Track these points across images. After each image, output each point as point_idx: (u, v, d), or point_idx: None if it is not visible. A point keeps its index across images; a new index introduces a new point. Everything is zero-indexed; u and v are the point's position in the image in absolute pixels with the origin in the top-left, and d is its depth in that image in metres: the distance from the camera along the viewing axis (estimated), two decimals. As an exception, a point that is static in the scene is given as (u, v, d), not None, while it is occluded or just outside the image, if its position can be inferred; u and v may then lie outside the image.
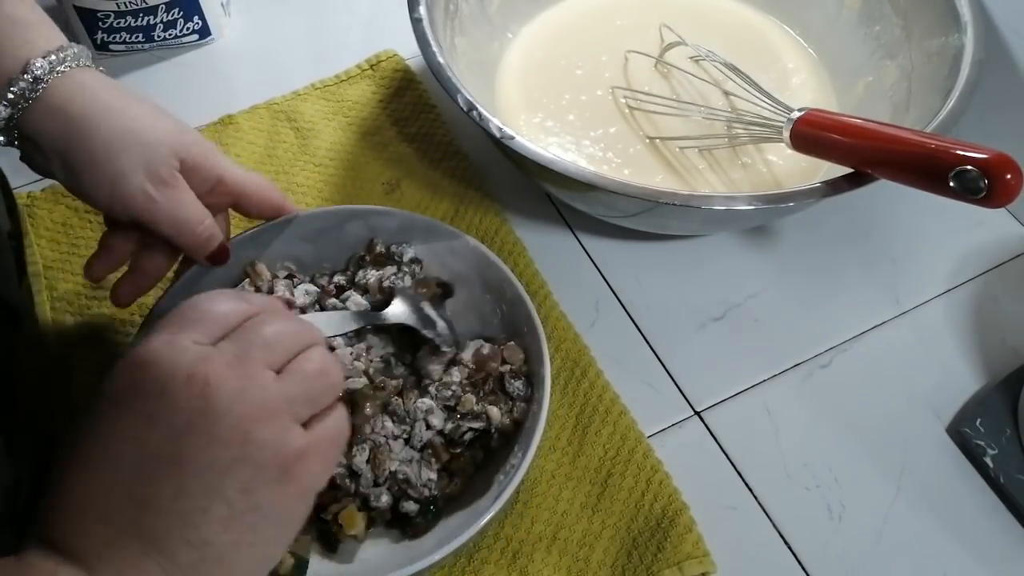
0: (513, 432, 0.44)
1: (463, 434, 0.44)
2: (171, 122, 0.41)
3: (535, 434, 0.42)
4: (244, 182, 0.44)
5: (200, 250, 0.42)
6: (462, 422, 0.44)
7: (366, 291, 0.48)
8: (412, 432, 0.44)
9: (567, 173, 0.46)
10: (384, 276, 0.48)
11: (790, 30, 0.65)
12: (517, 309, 0.46)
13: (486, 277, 0.48)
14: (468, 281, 0.49)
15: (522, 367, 0.46)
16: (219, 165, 0.42)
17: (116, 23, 0.63)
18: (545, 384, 0.43)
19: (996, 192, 0.39)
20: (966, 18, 0.53)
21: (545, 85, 0.61)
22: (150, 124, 0.40)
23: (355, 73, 0.65)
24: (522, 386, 0.45)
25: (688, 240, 0.58)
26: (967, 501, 0.47)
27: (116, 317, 0.52)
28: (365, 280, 0.48)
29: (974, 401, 0.51)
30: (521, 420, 0.44)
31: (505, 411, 0.44)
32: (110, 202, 0.39)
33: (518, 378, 0.45)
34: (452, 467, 0.44)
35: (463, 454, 0.44)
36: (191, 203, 0.41)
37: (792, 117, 0.49)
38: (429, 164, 0.60)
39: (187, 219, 0.41)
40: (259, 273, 0.48)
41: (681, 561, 0.44)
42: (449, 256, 0.49)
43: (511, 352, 0.46)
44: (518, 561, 0.44)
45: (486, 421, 0.44)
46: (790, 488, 0.48)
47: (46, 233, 0.56)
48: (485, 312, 0.48)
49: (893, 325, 0.54)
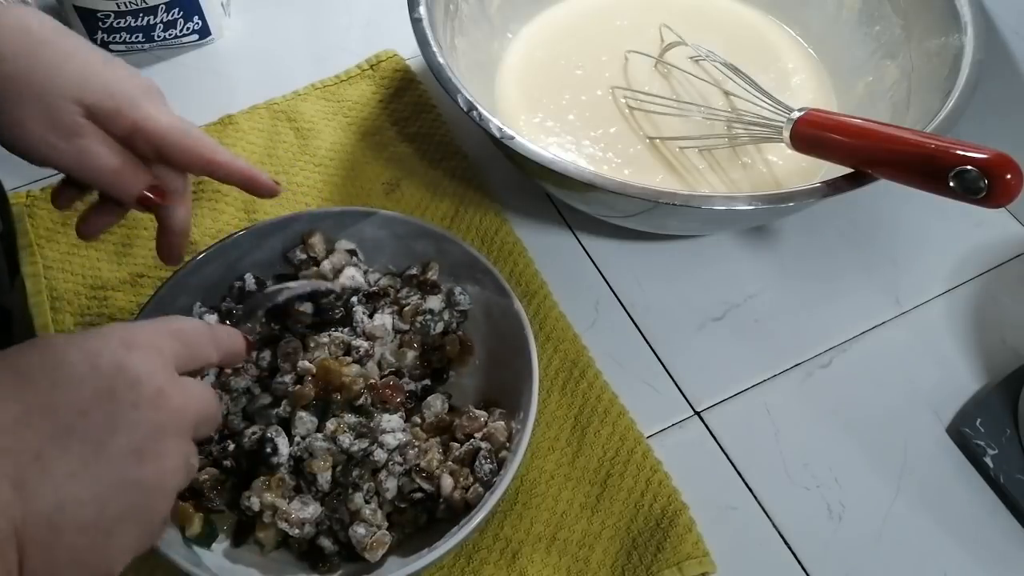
0: (462, 510, 0.42)
1: (412, 491, 0.43)
2: (79, 65, 0.38)
3: (476, 518, 0.40)
4: (164, 132, 0.40)
5: (123, 196, 0.41)
6: (415, 479, 0.43)
7: (400, 310, 0.49)
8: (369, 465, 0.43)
9: (567, 173, 0.46)
10: (422, 308, 0.49)
11: (790, 30, 0.65)
12: (524, 387, 0.45)
13: (516, 345, 0.46)
14: (500, 340, 0.48)
15: (500, 451, 0.44)
16: (135, 112, 0.39)
17: (116, 23, 0.63)
18: (509, 471, 0.41)
19: (996, 192, 0.39)
20: (966, 18, 0.53)
21: (545, 85, 0.61)
22: (55, 71, 0.38)
23: (355, 73, 0.65)
24: (489, 472, 0.43)
25: (688, 240, 0.58)
26: (967, 501, 0.47)
27: (116, 317, 0.52)
28: (407, 301, 0.49)
29: (974, 401, 0.51)
30: (473, 503, 0.42)
31: (460, 487, 0.43)
32: (17, 150, 0.39)
33: (491, 461, 0.43)
34: (392, 520, 0.43)
35: (407, 511, 0.43)
36: (99, 151, 0.39)
37: (792, 117, 0.49)
38: (429, 164, 0.60)
39: (97, 167, 0.39)
40: (312, 244, 0.50)
41: (681, 561, 0.44)
42: (496, 310, 0.48)
43: (496, 431, 0.44)
44: (518, 561, 0.44)
45: (436, 488, 0.43)
46: (790, 488, 0.48)
47: (46, 233, 0.56)
48: (500, 374, 0.47)
49: (893, 325, 0.54)
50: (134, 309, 0.52)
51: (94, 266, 0.55)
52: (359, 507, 0.42)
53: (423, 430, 0.45)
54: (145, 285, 0.54)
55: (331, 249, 0.50)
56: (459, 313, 0.50)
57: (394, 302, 0.50)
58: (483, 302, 0.49)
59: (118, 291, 0.53)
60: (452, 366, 0.49)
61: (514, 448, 0.43)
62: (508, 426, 0.44)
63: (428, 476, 0.43)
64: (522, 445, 0.42)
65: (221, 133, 0.61)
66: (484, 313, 0.49)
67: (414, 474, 0.43)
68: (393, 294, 0.50)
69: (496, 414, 0.45)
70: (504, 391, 0.47)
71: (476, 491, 0.42)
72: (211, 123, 0.62)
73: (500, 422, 0.45)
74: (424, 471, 0.43)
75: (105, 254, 0.55)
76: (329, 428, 0.43)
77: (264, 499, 0.41)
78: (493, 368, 0.48)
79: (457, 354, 0.49)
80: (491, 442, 0.44)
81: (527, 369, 0.44)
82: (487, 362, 0.49)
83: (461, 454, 0.44)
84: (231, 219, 0.57)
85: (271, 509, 0.41)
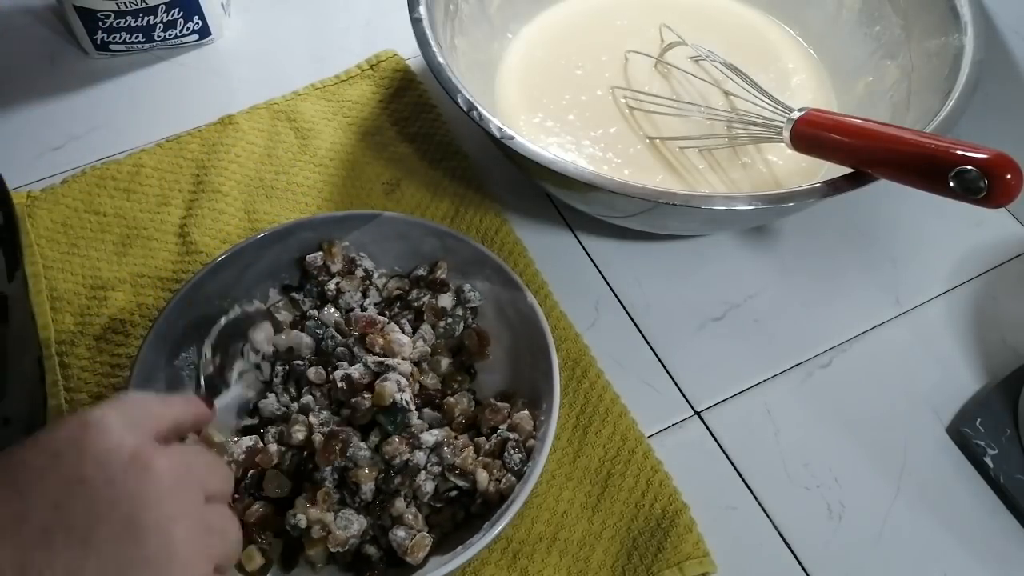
0: (496, 503, 0.42)
1: (448, 490, 0.43)
2: None
3: (512, 508, 0.40)
4: None
5: None
6: (450, 477, 0.43)
7: (419, 314, 0.49)
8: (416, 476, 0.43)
9: (567, 173, 0.46)
10: (437, 305, 0.49)
11: (790, 30, 0.65)
12: (544, 375, 0.45)
13: (532, 337, 0.46)
14: (514, 334, 0.48)
15: (527, 439, 0.44)
16: None
17: (116, 23, 0.63)
18: (539, 460, 0.42)
19: (996, 192, 0.39)
20: (966, 18, 0.53)
21: (545, 85, 0.61)
22: None
23: (355, 73, 0.65)
24: (519, 461, 0.43)
25: (688, 240, 0.58)
26: (967, 501, 0.47)
27: (116, 317, 0.52)
28: (420, 303, 0.49)
29: (974, 401, 0.51)
30: (507, 494, 0.42)
31: (494, 479, 0.43)
32: None
33: (519, 451, 0.43)
34: (430, 521, 0.43)
35: (443, 510, 0.43)
36: None
37: (792, 117, 0.49)
38: (429, 164, 0.60)
39: None
40: (334, 254, 0.50)
41: (681, 561, 0.44)
42: (508, 305, 0.49)
43: (522, 421, 0.44)
44: (518, 561, 0.44)
45: (472, 483, 0.43)
46: (790, 488, 0.48)
47: (46, 233, 0.56)
48: (518, 368, 0.48)
49: (893, 325, 0.54)
50: (134, 309, 0.52)
51: (94, 266, 0.55)
52: (401, 512, 0.42)
53: (452, 428, 0.45)
54: (145, 285, 0.54)
55: (351, 269, 0.50)
56: (471, 310, 0.50)
57: (405, 306, 0.50)
58: (493, 297, 0.49)
59: (118, 291, 0.53)
60: (473, 359, 0.49)
61: (541, 436, 0.43)
62: (533, 415, 0.45)
63: (462, 473, 0.43)
64: (549, 432, 0.43)
65: (221, 133, 0.61)
66: (495, 308, 0.49)
67: (448, 472, 0.43)
68: (404, 296, 0.50)
69: (519, 404, 0.46)
70: (521, 382, 0.47)
71: (509, 481, 0.43)
72: (211, 123, 0.62)
73: (524, 411, 0.45)
74: (458, 468, 0.43)
75: (105, 254, 0.55)
76: (373, 439, 0.43)
77: (310, 514, 0.41)
78: (509, 361, 0.49)
79: (477, 348, 0.49)
80: (518, 432, 0.44)
81: (545, 358, 0.45)
82: (502, 355, 0.49)
83: (491, 447, 0.44)
84: (231, 219, 0.57)
85: (318, 523, 0.41)
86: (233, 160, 0.59)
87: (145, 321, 0.52)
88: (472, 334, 0.49)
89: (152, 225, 0.57)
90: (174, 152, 0.60)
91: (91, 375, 0.50)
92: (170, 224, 0.57)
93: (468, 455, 0.43)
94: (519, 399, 0.46)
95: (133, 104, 0.64)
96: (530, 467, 0.42)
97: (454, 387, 0.47)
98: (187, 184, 0.59)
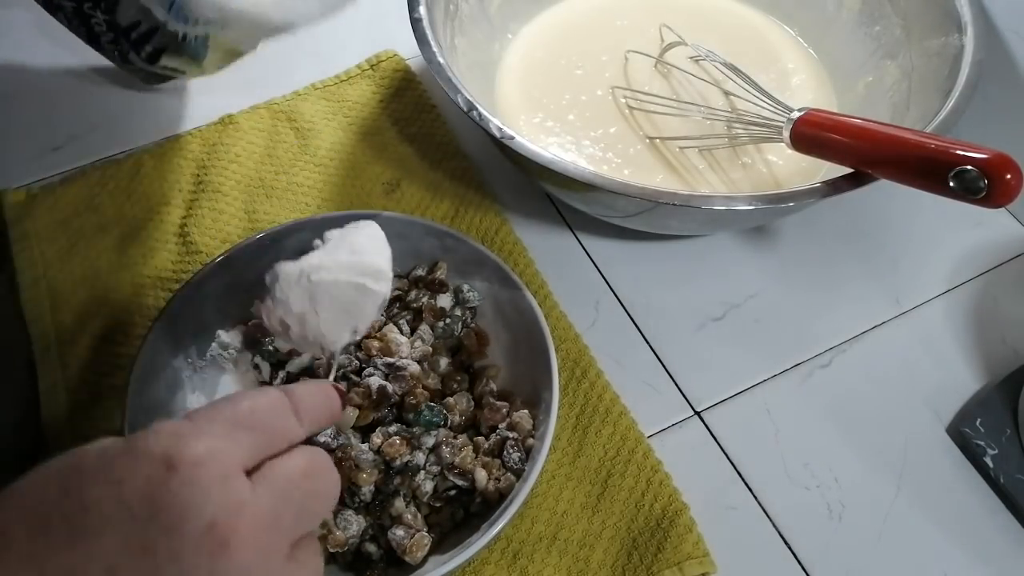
0: (495, 502, 0.42)
1: (447, 489, 0.43)
2: None
3: (511, 507, 0.40)
4: None
5: None
6: (449, 476, 0.43)
7: (417, 314, 0.49)
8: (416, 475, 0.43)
9: (567, 173, 0.46)
10: (436, 306, 0.49)
11: (790, 30, 0.65)
12: (542, 375, 0.45)
13: (531, 337, 0.46)
14: (514, 333, 0.48)
15: (526, 439, 0.44)
16: None
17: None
18: (538, 459, 0.41)
19: (996, 192, 0.39)
20: (966, 18, 0.53)
21: (545, 85, 0.61)
22: None
23: (355, 73, 0.65)
24: (518, 460, 0.43)
25: (688, 240, 0.58)
26: (967, 501, 0.47)
27: (116, 317, 0.52)
28: (419, 303, 0.49)
29: (974, 401, 0.51)
30: (506, 493, 0.42)
31: (493, 478, 0.43)
32: None
33: (518, 450, 0.43)
34: (429, 520, 0.43)
35: (443, 510, 0.43)
36: None
37: (792, 117, 0.49)
38: (429, 164, 0.60)
39: None
40: None
41: (681, 561, 0.44)
42: (507, 305, 0.48)
43: (521, 420, 0.44)
44: (518, 561, 0.44)
45: (471, 482, 0.43)
46: (790, 488, 0.48)
47: (46, 232, 0.56)
48: (517, 367, 0.48)
49: (893, 325, 0.54)
50: (134, 309, 0.52)
51: (94, 266, 0.55)
52: (400, 511, 0.42)
53: (450, 428, 0.45)
54: (145, 284, 0.53)
55: None
56: (469, 310, 0.50)
57: (404, 307, 0.50)
58: (492, 297, 0.49)
59: (118, 291, 0.53)
60: (471, 359, 0.49)
61: (540, 435, 0.43)
62: (532, 414, 0.45)
63: (461, 472, 0.43)
64: (549, 431, 0.42)
65: (221, 133, 0.61)
66: (494, 308, 0.49)
67: (447, 471, 0.43)
68: (403, 297, 0.50)
69: (517, 403, 0.46)
70: (520, 381, 0.47)
71: (508, 480, 0.43)
72: (211, 123, 0.62)
73: (524, 411, 0.45)
74: (457, 467, 0.43)
75: (105, 254, 0.55)
76: (375, 441, 0.43)
77: None
78: (507, 360, 0.49)
79: (476, 347, 0.49)
80: (517, 431, 0.44)
81: (544, 357, 0.45)
82: (500, 355, 0.49)
83: (490, 446, 0.44)
84: (231, 219, 0.57)
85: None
86: (233, 160, 0.59)
87: (145, 321, 0.52)
88: (471, 334, 0.49)
89: (152, 225, 0.57)
90: (174, 152, 0.60)
91: (91, 375, 0.50)
92: (170, 224, 0.57)
93: (467, 454, 0.43)
94: (516, 398, 0.46)
95: (133, 104, 0.64)
96: (529, 466, 0.42)
97: (453, 387, 0.47)
98: (187, 184, 0.59)
